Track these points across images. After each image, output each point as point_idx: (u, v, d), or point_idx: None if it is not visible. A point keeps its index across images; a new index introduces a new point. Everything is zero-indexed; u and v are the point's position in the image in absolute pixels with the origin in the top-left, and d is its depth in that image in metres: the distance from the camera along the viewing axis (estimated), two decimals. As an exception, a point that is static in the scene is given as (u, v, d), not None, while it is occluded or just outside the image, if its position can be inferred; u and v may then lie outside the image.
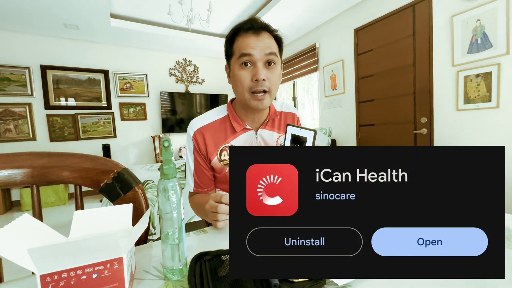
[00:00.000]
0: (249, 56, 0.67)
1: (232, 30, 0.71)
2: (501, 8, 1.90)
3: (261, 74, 0.67)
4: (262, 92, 0.69)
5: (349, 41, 3.20)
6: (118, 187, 0.56)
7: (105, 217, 0.44)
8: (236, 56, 0.69)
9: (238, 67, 0.69)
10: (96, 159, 0.57)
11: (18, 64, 3.39)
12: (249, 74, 0.68)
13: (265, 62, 0.68)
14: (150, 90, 4.33)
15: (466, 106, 2.15)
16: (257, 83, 0.67)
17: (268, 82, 0.68)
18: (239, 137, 0.78)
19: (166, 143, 0.39)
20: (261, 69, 0.67)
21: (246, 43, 0.67)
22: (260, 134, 0.80)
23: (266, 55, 0.67)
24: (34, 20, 3.08)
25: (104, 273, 0.33)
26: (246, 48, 0.67)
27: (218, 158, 0.76)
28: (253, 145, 0.79)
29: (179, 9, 3.11)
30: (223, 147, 0.76)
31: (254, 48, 0.66)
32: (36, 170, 0.52)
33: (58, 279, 0.30)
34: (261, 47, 0.67)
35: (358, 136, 3.20)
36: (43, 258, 0.29)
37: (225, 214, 0.55)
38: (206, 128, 0.77)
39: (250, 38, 0.67)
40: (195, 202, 0.78)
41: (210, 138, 0.76)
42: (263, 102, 0.70)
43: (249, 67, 0.68)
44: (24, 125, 3.45)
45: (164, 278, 0.40)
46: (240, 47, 0.68)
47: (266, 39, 0.68)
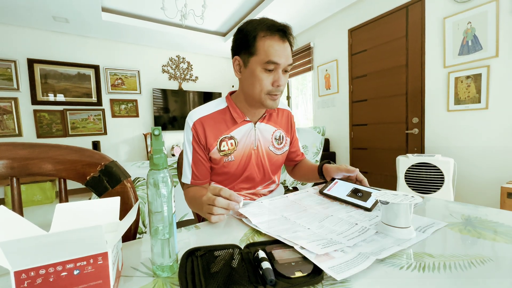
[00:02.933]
0: (275, 64, 0.69)
1: (259, 26, 0.69)
2: (491, 12, 1.95)
3: (282, 81, 0.72)
4: (277, 94, 0.74)
5: (343, 41, 3.22)
6: (106, 180, 0.53)
7: (91, 211, 0.41)
8: (261, 59, 0.69)
9: (261, 69, 0.71)
10: (81, 150, 0.54)
11: (4, 57, 3.26)
12: (270, 78, 0.71)
13: (284, 69, 0.73)
14: (142, 86, 4.25)
15: (457, 107, 2.19)
16: (277, 88, 0.72)
17: (282, 86, 0.74)
18: (239, 128, 0.80)
19: (156, 131, 0.37)
20: (281, 76, 0.72)
21: (274, 50, 0.68)
22: (258, 127, 0.83)
23: (288, 65, 0.72)
24: (21, 11, 2.97)
25: (87, 269, 0.30)
26: (275, 56, 0.68)
27: (218, 149, 0.77)
28: (252, 137, 0.82)
29: (172, 4, 3.06)
30: (223, 138, 0.77)
31: (281, 57, 0.69)
32: (16, 162, 0.49)
33: (35, 276, 0.28)
34: (286, 57, 0.70)
35: (351, 136, 3.22)
36: (17, 252, 0.26)
37: (221, 208, 0.54)
38: (206, 118, 0.77)
39: (278, 45, 0.69)
40: (190, 195, 0.76)
41: (210, 128, 0.77)
42: (276, 102, 0.76)
43: (271, 72, 0.71)
44: (9, 120, 3.33)
45: (153, 275, 0.38)
46: (267, 52, 0.68)
47: (288, 48, 0.72)
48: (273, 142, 0.86)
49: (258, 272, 0.36)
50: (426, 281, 0.33)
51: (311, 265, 0.36)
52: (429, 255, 0.40)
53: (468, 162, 2.16)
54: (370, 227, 0.49)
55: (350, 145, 3.25)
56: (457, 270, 0.35)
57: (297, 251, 0.40)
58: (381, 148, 2.88)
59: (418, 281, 0.33)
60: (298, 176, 0.97)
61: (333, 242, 0.42)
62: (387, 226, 0.46)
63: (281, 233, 0.47)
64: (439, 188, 1.92)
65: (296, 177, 0.98)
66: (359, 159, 3.15)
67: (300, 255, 0.39)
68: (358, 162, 3.16)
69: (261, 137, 0.83)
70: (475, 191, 2.14)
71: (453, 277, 0.34)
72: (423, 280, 0.33)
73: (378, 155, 2.92)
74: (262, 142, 0.84)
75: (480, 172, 2.10)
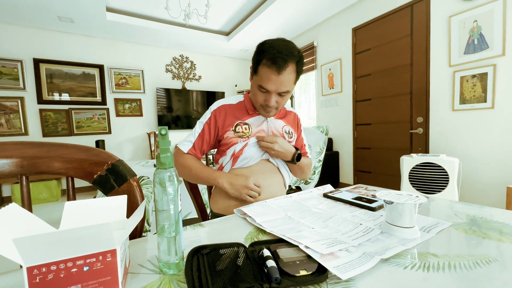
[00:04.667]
0: (265, 90, 0.79)
1: (266, 52, 0.76)
2: (498, 10, 1.92)
3: (272, 102, 0.81)
4: (270, 109, 0.84)
5: (347, 40, 3.20)
6: (112, 179, 0.54)
7: (98, 209, 0.42)
8: (257, 79, 0.80)
9: (256, 87, 0.82)
10: (89, 149, 0.55)
11: (10, 57, 3.31)
12: (263, 96, 0.82)
13: (278, 93, 0.80)
14: (146, 86, 4.27)
15: (462, 106, 2.16)
16: (267, 105, 0.83)
17: (276, 104, 0.83)
18: (253, 118, 0.90)
19: (163, 131, 0.37)
20: (273, 98, 0.80)
21: (267, 79, 0.77)
22: (269, 119, 0.93)
23: (280, 92, 0.80)
24: (27, 12, 3.01)
25: (96, 265, 0.31)
26: (266, 84, 0.78)
27: (233, 130, 0.87)
28: (265, 125, 0.91)
29: (176, 4, 3.07)
30: (238, 122, 0.89)
31: (272, 85, 0.78)
32: (25, 160, 0.50)
33: (46, 272, 0.29)
34: (279, 85, 0.77)
35: (354, 135, 3.21)
36: (30, 249, 0.27)
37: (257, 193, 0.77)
38: (227, 106, 0.90)
39: (272, 74, 0.76)
40: (193, 162, 0.85)
41: (229, 114, 0.89)
42: (269, 114, 0.89)
43: (264, 92, 0.81)
44: (16, 119, 3.38)
45: (160, 272, 0.38)
46: (261, 78, 0.78)
47: (286, 76, 0.77)
48: (283, 135, 0.93)
49: (263, 270, 0.36)
50: (431, 281, 0.33)
51: (316, 264, 0.37)
52: (433, 255, 0.40)
53: (473, 162, 2.14)
54: (375, 227, 0.49)
55: (354, 145, 3.23)
56: (462, 270, 0.35)
57: (302, 250, 0.40)
58: (385, 148, 2.87)
59: (422, 281, 0.33)
60: (295, 171, 0.98)
61: (337, 242, 0.43)
62: (392, 226, 0.47)
63: (285, 232, 0.48)
64: (443, 188, 1.91)
65: (294, 173, 0.99)
66: (362, 158, 3.14)
67: (304, 254, 0.40)
68: (361, 162, 3.15)
69: (273, 129, 0.92)
70: (480, 191, 2.12)
71: (458, 277, 0.34)
72: (428, 280, 0.33)
73: (382, 154, 2.90)
74: (274, 132, 0.92)
75: (486, 172, 2.07)
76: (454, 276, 0.34)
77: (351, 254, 0.39)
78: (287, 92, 0.81)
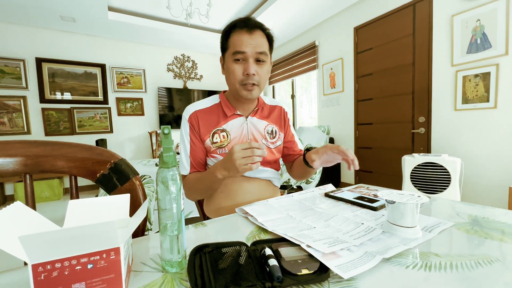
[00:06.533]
0: (242, 54, 0.74)
1: (228, 26, 0.77)
2: (501, 9, 1.91)
3: (252, 69, 0.74)
4: (251, 84, 0.76)
5: (348, 39, 3.19)
6: (115, 178, 0.55)
7: (102, 207, 0.42)
8: (230, 51, 0.76)
9: (232, 61, 0.76)
10: (92, 148, 0.55)
11: (13, 56, 3.32)
12: (241, 68, 0.76)
13: (255, 58, 0.75)
14: (147, 85, 4.28)
15: (464, 106, 2.15)
16: (247, 77, 0.75)
17: (257, 76, 0.76)
18: (231, 122, 0.84)
19: (166, 130, 0.38)
20: (252, 64, 0.75)
21: (240, 41, 0.74)
22: (250, 120, 0.86)
23: (257, 53, 0.75)
24: (29, 11, 3.02)
25: (100, 263, 0.31)
26: (240, 45, 0.74)
27: (210, 140, 0.81)
28: (244, 130, 0.85)
29: (178, 3, 3.07)
30: (216, 130, 0.82)
31: (247, 46, 0.73)
32: (29, 159, 0.50)
33: (51, 269, 0.29)
34: (253, 45, 0.74)
35: (356, 135, 3.20)
36: (35, 246, 0.28)
37: (258, 156, 0.61)
38: (200, 112, 0.83)
39: (244, 36, 0.74)
40: (192, 179, 0.80)
41: (203, 121, 0.82)
42: (252, 93, 0.78)
43: (241, 62, 0.76)
44: (18, 118, 3.39)
45: (162, 270, 0.39)
46: (234, 44, 0.75)
47: (259, 38, 0.75)
48: (265, 136, 0.87)
49: (265, 269, 0.36)
50: (432, 281, 0.33)
51: (317, 263, 0.37)
52: (435, 254, 0.40)
53: (475, 162, 2.13)
54: (376, 227, 0.49)
55: (355, 144, 3.23)
56: (463, 270, 0.35)
57: (303, 249, 0.41)
58: (386, 148, 2.86)
59: (424, 281, 0.33)
60: (294, 173, 0.94)
61: (339, 241, 0.43)
62: (393, 225, 0.47)
63: (287, 231, 0.48)
64: (445, 188, 1.90)
65: (293, 175, 0.95)
66: (364, 158, 3.13)
67: (306, 253, 0.40)
68: (363, 162, 3.15)
69: (254, 130, 0.85)
70: (482, 191, 2.11)
71: (460, 277, 0.34)
72: (429, 279, 0.34)
73: (384, 154, 2.89)
74: (255, 135, 0.85)
75: (488, 172, 2.07)
76: (455, 275, 0.34)
77: (353, 254, 0.39)
78: (265, 56, 0.76)
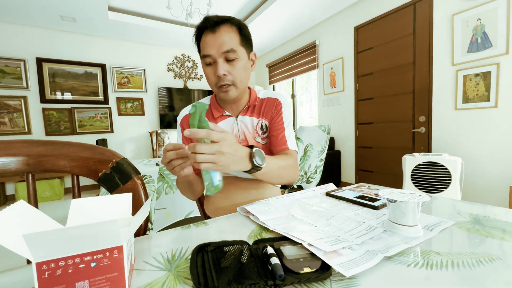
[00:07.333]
0: (209, 57, 0.71)
1: (196, 31, 0.75)
2: (502, 8, 1.91)
3: (221, 71, 0.70)
4: (226, 85, 0.73)
5: (349, 39, 3.19)
6: (117, 177, 0.55)
7: (104, 206, 0.42)
8: (201, 56, 0.74)
9: (204, 66, 0.74)
10: (94, 148, 0.55)
11: (13, 56, 3.33)
12: (212, 71, 0.73)
13: (224, 58, 0.71)
14: (148, 85, 4.29)
15: (465, 105, 2.15)
16: (219, 79, 0.72)
17: (230, 76, 0.72)
18: (220, 123, 0.82)
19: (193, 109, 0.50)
20: (221, 65, 0.70)
21: (205, 43, 0.71)
22: (241, 120, 0.83)
23: (224, 53, 0.70)
24: (30, 11, 3.02)
25: (103, 262, 0.31)
26: (205, 48, 0.71)
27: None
28: (235, 130, 0.83)
29: (178, 3, 3.07)
30: None
31: (211, 47, 0.70)
32: (31, 158, 0.50)
33: (55, 267, 0.29)
34: (218, 45, 0.69)
35: (356, 134, 3.20)
36: (39, 244, 0.28)
37: (177, 160, 0.55)
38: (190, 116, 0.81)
39: (208, 37, 0.70)
40: (178, 182, 0.78)
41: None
42: (228, 94, 0.74)
43: (212, 65, 0.72)
44: (19, 118, 3.40)
45: (165, 269, 0.39)
46: (202, 47, 0.72)
47: (224, 35, 0.70)
48: (258, 132, 0.83)
49: (267, 267, 0.36)
50: (433, 279, 0.33)
51: (319, 261, 0.37)
52: (436, 253, 0.40)
53: (476, 161, 2.13)
54: (378, 226, 0.49)
55: (356, 144, 3.23)
56: (464, 268, 0.35)
57: (305, 247, 0.41)
58: (387, 147, 2.86)
59: (425, 279, 0.33)
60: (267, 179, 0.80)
61: (341, 240, 0.43)
62: (395, 224, 0.47)
63: (288, 230, 0.48)
64: (446, 187, 1.90)
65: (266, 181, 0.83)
66: (364, 157, 3.14)
67: (308, 252, 0.40)
68: (363, 161, 3.15)
69: (245, 129, 0.83)
70: (483, 190, 2.11)
71: (461, 275, 0.34)
72: (430, 277, 0.34)
73: (384, 154, 2.90)
74: (247, 134, 0.83)
75: (488, 172, 2.07)
76: (457, 274, 0.34)
77: (354, 252, 0.39)
78: (233, 53, 0.70)
